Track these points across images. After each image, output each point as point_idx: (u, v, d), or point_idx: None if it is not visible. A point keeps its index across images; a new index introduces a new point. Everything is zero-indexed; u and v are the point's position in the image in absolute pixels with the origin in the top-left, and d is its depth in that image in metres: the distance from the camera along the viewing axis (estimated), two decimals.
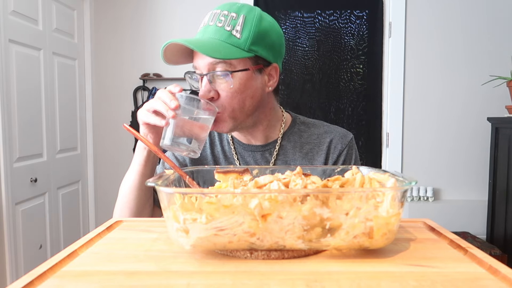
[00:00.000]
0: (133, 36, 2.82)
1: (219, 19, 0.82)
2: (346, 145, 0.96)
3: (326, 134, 0.97)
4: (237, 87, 0.83)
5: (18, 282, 0.40)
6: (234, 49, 0.80)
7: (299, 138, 0.97)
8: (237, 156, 0.96)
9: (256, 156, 0.95)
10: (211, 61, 0.81)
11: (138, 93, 2.84)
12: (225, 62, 0.81)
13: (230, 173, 0.60)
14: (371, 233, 0.47)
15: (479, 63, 2.68)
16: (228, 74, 0.81)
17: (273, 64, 0.88)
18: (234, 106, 0.84)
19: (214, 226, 0.45)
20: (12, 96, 1.99)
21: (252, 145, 0.96)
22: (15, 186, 2.00)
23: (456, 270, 0.44)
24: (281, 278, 0.42)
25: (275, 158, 0.95)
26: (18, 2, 2.02)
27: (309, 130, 0.98)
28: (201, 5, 2.77)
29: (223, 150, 0.98)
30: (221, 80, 0.82)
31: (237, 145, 0.97)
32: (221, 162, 0.97)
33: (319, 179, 0.53)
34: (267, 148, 0.95)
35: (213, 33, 0.82)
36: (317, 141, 0.96)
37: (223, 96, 0.83)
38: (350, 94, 2.84)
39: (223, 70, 0.81)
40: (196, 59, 0.84)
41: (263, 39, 0.84)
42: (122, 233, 0.59)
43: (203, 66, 0.83)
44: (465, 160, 2.73)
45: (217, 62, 0.81)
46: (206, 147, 0.99)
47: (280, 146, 0.95)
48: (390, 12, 2.71)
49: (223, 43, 0.80)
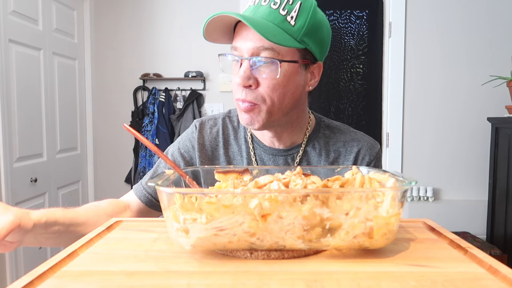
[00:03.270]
0: (133, 36, 2.82)
1: (274, 1, 0.73)
2: (374, 157, 0.89)
3: (353, 142, 0.90)
4: (281, 79, 0.75)
5: (18, 282, 0.40)
6: (287, 37, 0.72)
7: (324, 144, 0.89)
8: (255, 158, 0.89)
9: (278, 160, 0.88)
10: (258, 45, 0.73)
11: (138, 93, 2.84)
12: (272, 49, 0.73)
13: (230, 173, 0.60)
14: (371, 233, 0.47)
15: (479, 63, 2.68)
16: (277, 62, 0.73)
17: (318, 62, 0.81)
18: (273, 100, 0.76)
19: (214, 226, 0.45)
20: (12, 96, 1.99)
21: (274, 148, 0.88)
22: (15, 186, 2.00)
23: (456, 270, 0.44)
24: (281, 278, 0.42)
25: (298, 163, 0.87)
26: (18, 2, 2.02)
27: (334, 136, 0.91)
28: (201, 5, 2.77)
29: (239, 151, 0.90)
30: (266, 68, 0.74)
31: (257, 146, 0.89)
32: (237, 163, 0.90)
33: (319, 179, 0.53)
34: (290, 153, 0.88)
35: (267, 15, 0.73)
36: (343, 150, 0.89)
37: (264, 85, 0.75)
38: (350, 94, 2.84)
39: (270, 57, 0.73)
40: (240, 40, 0.75)
41: (316, 32, 0.76)
42: (122, 233, 0.59)
43: (247, 49, 0.74)
44: (465, 160, 2.73)
45: (264, 47, 0.73)
46: (219, 146, 0.91)
47: (304, 151, 0.88)
48: (390, 12, 2.71)
49: (276, 27, 0.72)
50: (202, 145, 0.91)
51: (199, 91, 2.81)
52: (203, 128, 0.93)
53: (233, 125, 0.93)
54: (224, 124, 0.94)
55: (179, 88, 2.81)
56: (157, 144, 2.68)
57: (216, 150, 0.91)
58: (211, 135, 0.92)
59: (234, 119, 0.94)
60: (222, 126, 0.93)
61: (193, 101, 2.76)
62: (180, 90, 2.80)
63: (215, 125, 0.94)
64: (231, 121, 0.94)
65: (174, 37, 2.81)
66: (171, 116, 2.76)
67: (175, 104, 2.81)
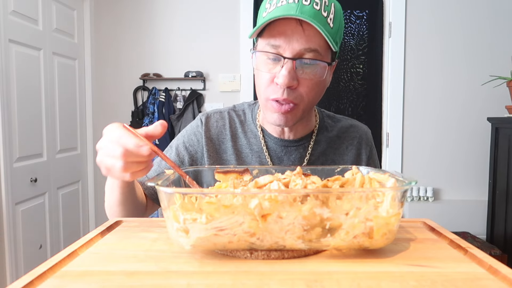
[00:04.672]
0: (133, 36, 2.82)
1: (315, 1, 0.72)
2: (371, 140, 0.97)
3: (352, 128, 0.95)
4: (319, 80, 0.77)
5: (18, 282, 0.40)
6: (331, 39, 0.73)
7: (330, 132, 0.93)
8: (267, 151, 0.89)
9: (291, 151, 0.90)
10: (306, 46, 0.72)
11: (138, 93, 2.84)
12: (317, 50, 0.73)
13: (230, 173, 0.60)
14: (371, 233, 0.47)
15: (479, 63, 2.68)
16: (323, 64, 0.75)
17: (336, 61, 0.82)
18: (310, 99, 0.78)
19: (214, 226, 0.45)
20: (12, 96, 1.99)
21: (285, 140, 0.89)
22: (15, 186, 2.00)
23: (456, 270, 0.44)
24: (281, 278, 0.42)
25: (310, 154, 0.90)
26: (18, 2, 2.02)
27: (335, 125, 0.95)
28: (201, 5, 2.77)
29: (248, 144, 0.90)
30: (309, 69, 0.75)
31: (268, 138, 0.90)
32: (246, 156, 0.89)
33: (319, 179, 0.53)
34: (301, 143, 0.90)
35: (313, 15, 0.71)
36: (346, 135, 0.94)
37: (304, 85, 0.75)
38: (350, 94, 2.84)
39: (316, 58, 0.74)
40: (283, 39, 0.73)
41: (341, 34, 0.78)
42: (122, 233, 0.59)
43: (292, 49, 0.73)
44: (465, 160, 2.73)
45: (311, 49, 0.72)
46: (226, 139, 0.91)
47: (314, 141, 0.91)
48: (390, 12, 2.71)
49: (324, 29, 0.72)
50: (209, 138, 0.91)
51: (199, 91, 2.81)
52: (209, 121, 0.92)
53: (240, 119, 0.93)
54: (230, 117, 0.93)
55: (179, 88, 2.81)
56: (157, 144, 2.68)
57: (223, 143, 0.91)
58: (218, 128, 0.92)
59: (240, 113, 0.94)
60: (229, 119, 0.93)
61: (193, 101, 2.76)
62: (180, 90, 2.80)
63: (221, 118, 0.93)
64: (237, 115, 0.94)
65: (174, 37, 2.81)
66: (171, 116, 2.76)
67: (175, 104, 2.81)
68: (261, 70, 0.78)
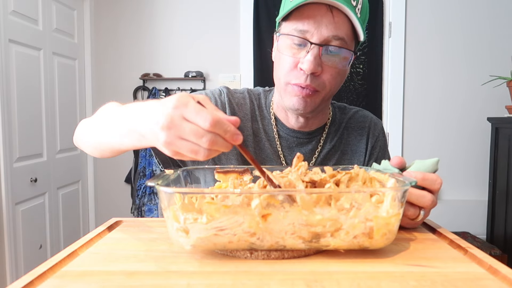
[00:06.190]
0: (133, 36, 2.82)
1: None
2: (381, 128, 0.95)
3: (361, 118, 0.94)
4: (342, 68, 0.76)
5: (18, 282, 0.40)
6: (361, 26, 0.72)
7: (339, 124, 0.92)
8: (279, 139, 0.87)
9: (302, 143, 0.88)
10: (334, 33, 0.71)
11: (138, 93, 2.84)
12: (344, 39, 0.72)
13: (230, 173, 0.60)
14: (371, 233, 0.47)
15: (479, 63, 2.68)
16: (349, 53, 0.74)
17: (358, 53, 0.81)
18: (331, 87, 0.77)
19: (214, 226, 0.45)
20: (12, 96, 1.99)
21: (297, 131, 0.87)
22: (15, 186, 2.00)
23: (456, 270, 0.44)
24: (281, 278, 0.42)
25: (322, 147, 0.88)
26: (18, 2, 2.02)
27: (346, 116, 0.94)
28: (201, 5, 2.77)
29: (263, 128, 0.88)
30: (335, 57, 0.74)
31: (281, 128, 0.88)
32: (260, 140, 0.86)
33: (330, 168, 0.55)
34: (314, 135, 0.89)
35: (343, 1, 0.70)
36: (355, 126, 0.93)
37: (328, 73, 0.74)
38: (350, 94, 2.84)
39: (343, 47, 0.73)
40: (312, 24, 0.71)
41: (365, 27, 0.77)
42: (122, 233, 0.59)
43: (321, 36, 0.71)
44: (465, 160, 2.73)
45: (339, 37, 0.71)
46: (247, 118, 0.87)
47: (327, 134, 0.90)
48: (390, 12, 2.71)
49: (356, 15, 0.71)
50: (232, 108, 0.86)
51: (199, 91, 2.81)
52: (232, 94, 0.89)
53: (257, 102, 0.91)
54: (250, 98, 0.90)
55: (179, 88, 2.81)
56: None
57: (242, 122, 0.87)
58: (240, 105, 0.88)
59: (257, 96, 0.92)
60: (249, 99, 0.90)
61: None
62: (180, 90, 2.80)
63: (242, 96, 0.90)
64: (255, 98, 0.91)
65: (174, 37, 2.81)
66: None
67: None
68: (285, 54, 0.76)
